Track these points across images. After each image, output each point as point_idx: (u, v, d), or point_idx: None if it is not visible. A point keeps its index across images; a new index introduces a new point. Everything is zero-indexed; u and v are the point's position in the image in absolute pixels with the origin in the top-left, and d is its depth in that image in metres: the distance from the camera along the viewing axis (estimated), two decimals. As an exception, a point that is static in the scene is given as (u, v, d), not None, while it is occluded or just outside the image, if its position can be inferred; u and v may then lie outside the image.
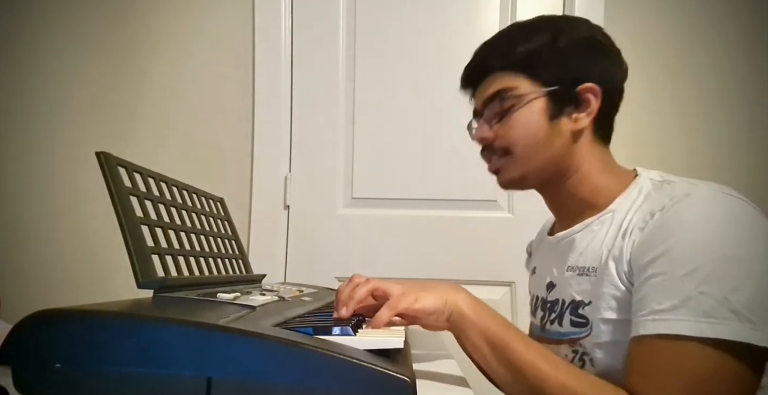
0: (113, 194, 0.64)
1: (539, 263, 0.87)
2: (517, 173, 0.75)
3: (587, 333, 0.68)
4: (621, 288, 0.65)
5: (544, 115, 0.72)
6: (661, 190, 0.67)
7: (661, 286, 0.58)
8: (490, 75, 0.76)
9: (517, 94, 0.73)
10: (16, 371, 0.42)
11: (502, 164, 0.76)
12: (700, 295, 0.55)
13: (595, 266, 0.69)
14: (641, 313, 0.59)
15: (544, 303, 0.80)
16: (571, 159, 0.74)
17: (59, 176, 1.61)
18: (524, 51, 0.73)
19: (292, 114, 1.62)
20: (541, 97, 0.72)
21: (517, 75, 0.73)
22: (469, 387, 0.57)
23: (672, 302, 0.56)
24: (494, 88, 0.74)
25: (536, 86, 0.73)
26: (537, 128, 0.73)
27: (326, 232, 1.59)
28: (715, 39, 1.55)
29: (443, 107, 1.58)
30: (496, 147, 0.75)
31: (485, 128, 0.76)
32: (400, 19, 1.62)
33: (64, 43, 1.64)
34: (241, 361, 0.42)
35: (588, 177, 0.74)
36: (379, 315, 0.60)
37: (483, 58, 0.77)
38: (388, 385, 0.41)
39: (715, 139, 1.54)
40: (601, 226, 0.71)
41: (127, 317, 0.45)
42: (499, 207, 1.57)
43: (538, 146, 0.73)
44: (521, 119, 0.73)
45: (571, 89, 0.72)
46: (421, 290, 0.62)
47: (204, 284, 0.75)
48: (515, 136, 0.73)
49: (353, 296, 0.63)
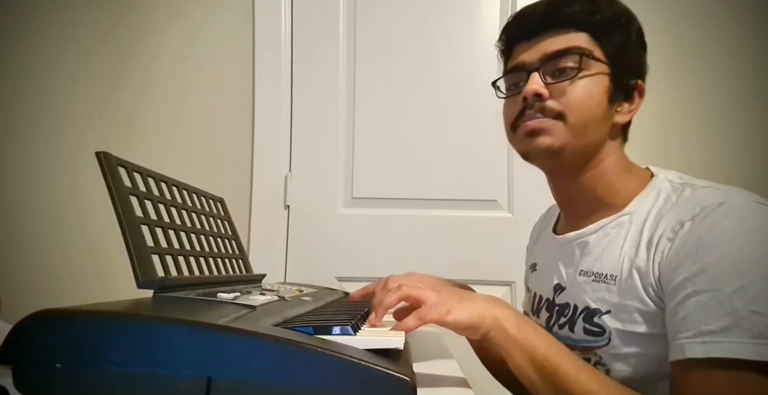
0: (113, 193, 0.64)
1: (541, 261, 0.84)
2: (561, 141, 0.67)
3: (605, 342, 0.65)
4: (647, 302, 0.61)
5: (606, 94, 0.67)
6: (686, 195, 0.63)
7: (706, 306, 0.54)
8: (564, 29, 0.68)
9: (592, 57, 0.67)
10: (17, 370, 0.42)
11: (550, 125, 0.67)
12: (752, 315, 0.52)
13: (614, 274, 0.65)
14: (685, 335, 0.55)
15: (551, 304, 0.76)
16: (602, 152, 0.70)
17: (59, 176, 1.61)
18: (608, 20, 0.68)
19: (292, 114, 1.62)
20: (607, 75, 0.67)
21: (593, 41, 0.68)
22: (470, 388, 0.57)
23: (722, 323, 0.52)
24: (569, 44, 0.67)
25: (606, 61, 0.68)
26: (597, 104, 0.67)
27: (326, 232, 1.59)
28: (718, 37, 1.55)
29: (443, 107, 1.58)
30: (549, 107, 0.67)
31: (541, 83, 0.67)
32: (401, 20, 1.62)
33: (66, 44, 1.63)
34: (241, 361, 0.42)
35: (606, 174, 0.70)
36: (406, 321, 0.56)
37: (564, 6, 0.68)
38: (388, 385, 0.41)
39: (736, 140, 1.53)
40: (619, 229, 0.67)
41: (127, 317, 0.45)
42: (499, 207, 1.57)
43: (592, 123, 0.67)
44: (587, 88, 0.67)
45: (631, 80, 0.69)
46: (457, 301, 0.58)
47: (204, 284, 0.75)
48: (576, 102, 0.66)
49: (383, 302, 0.60)
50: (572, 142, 0.67)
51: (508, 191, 1.56)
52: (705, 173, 0.69)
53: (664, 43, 1.53)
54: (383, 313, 0.60)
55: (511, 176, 1.56)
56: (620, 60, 0.68)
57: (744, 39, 1.54)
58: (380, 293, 0.63)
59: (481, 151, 1.56)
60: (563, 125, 0.67)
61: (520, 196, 1.54)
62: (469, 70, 1.57)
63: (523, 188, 1.53)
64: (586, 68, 0.67)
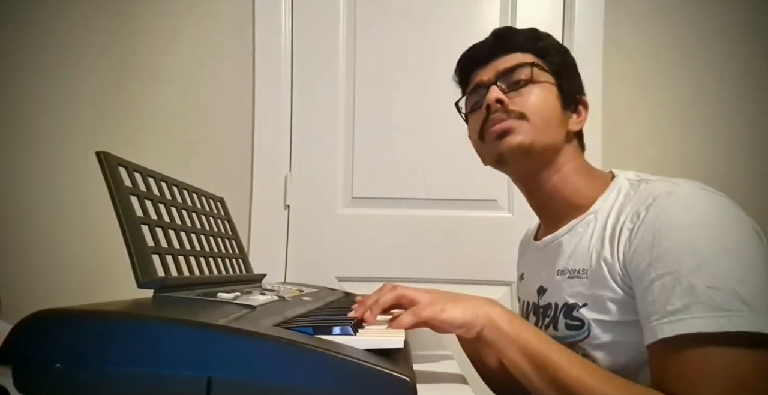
0: (113, 193, 0.64)
1: (527, 269, 0.88)
2: (529, 138, 0.73)
3: (585, 334, 0.68)
4: (617, 291, 0.65)
5: (558, 101, 0.76)
6: (640, 189, 0.68)
7: (669, 287, 0.58)
8: (513, 52, 0.78)
9: (541, 69, 0.76)
10: (17, 371, 0.42)
11: (516, 125, 0.74)
12: (709, 290, 0.55)
13: (585, 268, 0.70)
14: (655, 317, 0.58)
15: (536, 307, 0.80)
16: (561, 156, 0.76)
17: (59, 177, 1.61)
18: (549, 44, 0.79)
19: (292, 114, 1.62)
20: (555, 87, 0.76)
21: (539, 59, 0.77)
22: (468, 385, 0.57)
23: (684, 301, 0.56)
24: (519, 61, 0.76)
25: (553, 75, 0.77)
26: (552, 107, 0.75)
27: (326, 232, 1.59)
28: (718, 38, 1.55)
29: (443, 107, 1.57)
30: (511, 110, 0.74)
31: (500, 92, 0.75)
32: (401, 20, 1.62)
33: (69, 46, 1.64)
34: (241, 361, 0.42)
35: (569, 178, 0.76)
36: (401, 318, 0.58)
37: (509, 35, 0.79)
38: (388, 385, 0.41)
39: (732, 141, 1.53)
40: (586, 228, 0.72)
41: (128, 317, 0.45)
42: (499, 207, 1.57)
43: (552, 122, 0.75)
44: (540, 94, 0.75)
45: (574, 95, 0.78)
46: (450, 300, 0.60)
47: (204, 283, 0.75)
48: (534, 104, 0.74)
49: (378, 301, 0.62)
50: (539, 139, 0.73)
51: (508, 191, 1.56)
52: (703, 175, 0.70)
53: (663, 44, 1.54)
54: (378, 312, 0.62)
55: (511, 176, 1.56)
56: (563, 76, 0.77)
57: (742, 39, 1.54)
58: (376, 293, 0.65)
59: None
60: (527, 123, 0.73)
61: (520, 196, 1.51)
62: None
63: (523, 188, 1.53)
64: (536, 78, 0.75)
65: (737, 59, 1.54)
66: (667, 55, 1.54)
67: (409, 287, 0.64)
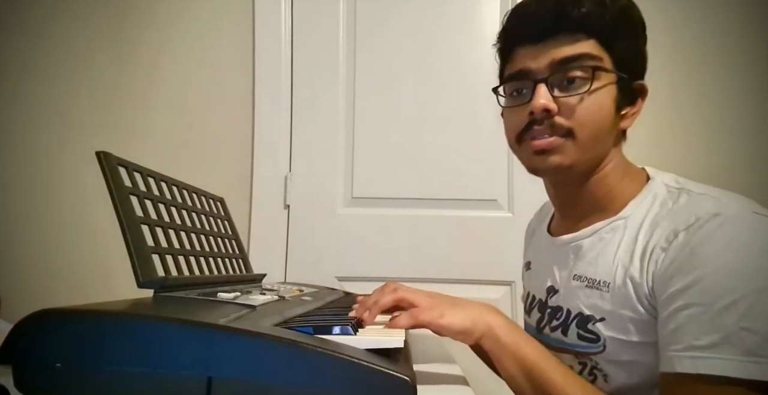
0: (113, 193, 0.64)
1: (536, 260, 0.83)
2: (570, 160, 0.65)
3: (600, 349, 0.65)
4: (640, 312, 0.61)
5: (614, 103, 0.65)
6: (681, 202, 0.62)
7: (697, 319, 0.54)
8: (573, 33, 0.63)
9: (602, 67, 0.63)
10: (17, 370, 0.42)
11: (560, 144, 0.64)
12: (742, 331, 0.51)
13: (607, 281, 0.65)
14: (676, 347, 0.55)
15: (543, 306, 0.77)
16: (605, 158, 0.68)
17: (60, 176, 1.61)
18: (616, 18, 0.63)
19: (292, 114, 1.62)
20: (615, 84, 0.65)
21: (602, 48, 0.64)
22: (469, 386, 0.57)
23: (712, 338, 0.52)
24: (580, 51, 0.63)
25: (614, 68, 0.64)
26: (606, 116, 0.64)
27: (326, 232, 1.59)
28: (718, 38, 1.55)
29: (443, 107, 1.58)
30: (558, 124, 0.64)
31: (549, 97, 0.64)
32: (401, 20, 1.62)
33: (67, 46, 1.63)
34: (241, 361, 0.42)
35: (607, 178, 0.69)
36: (398, 319, 0.57)
37: (570, 7, 0.63)
38: (388, 385, 0.41)
39: (734, 140, 1.53)
40: (613, 234, 0.66)
41: (128, 316, 0.45)
42: (499, 207, 1.57)
43: (601, 137, 0.65)
44: (598, 101, 0.63)
45: (634, 83, 0.66)
46: (450, 306, 0.59)
47: (204, 283, 0.75)
48: (586, 118, 0.63)
49: (378, 302, 0.61)
50: (582, 158, 0.66)
51: (508, 191, 1.56)
52: (702, 174, 0.68)
53: (662, 44, 1.53)
54: (377, 313, 0.61)
55: (511, 176, 1.56)
56: (626, 65, 0.65)
57: (743, 39, 1.54)
58: (376, 294, 0.63)
59: (481, 151, 1.56)
60: (572, 143, 0.64)
61: (520, 196, 1.54)
62: (469, 70, 1.57)
63: (523, 188, 1.54)
64: (596, 80, 0.63)
65: (737, 59, 1.54)
66: (667, 55, 1.54)
67: (410, 289, 0.62)
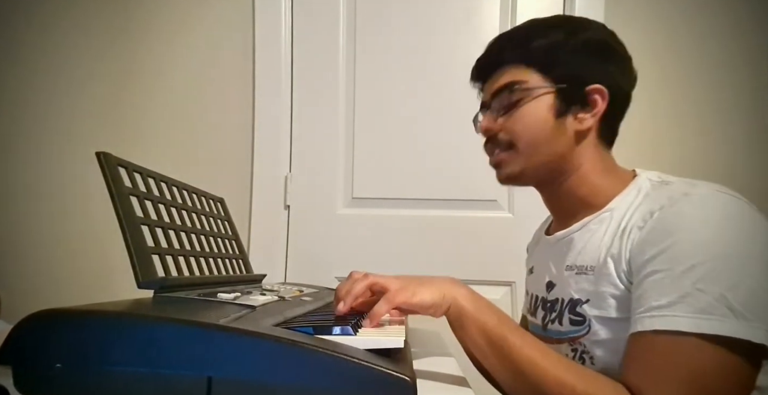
0: (113, 194, 0.64)
1: (537, 263, 0.87)
2: (517, 168, 0.75)
3: (586, 331, 0.69)
4: (620, 287, 0.65)
5: (552, 111, 0.73)
6: (660, 190, 0.67)
7: (660, 283, 0.58)
8: (502, 67, 0.76)
9: (527, 87, 0.73)
10: (17, 371, 0.42)
11: (504, 157, 0.76)
12: (697, 292, 0.56)
13: (593, 264, 0.69)
14: (639, 310, 0.59)
15: (545, 302, 0.80)
16: (572, 159, 0.74)
17: (59, 177, 1.61)
18: (539, 46, 0.74)
19: (292, 114, 1.62)
20: (550, 94, 0.73)
21: (529, 69, 0.74)
22: (470, 387, 0.57)
23: (669, 298, 0.57)
24: (505, 81, 0.75)
25: (547, 82, 0.73)
26: (543, 124, 0.73)
27: (326, 232, 1.59)
28: (717, 38, 1.55)
29: (443, 107, 1.58)
30: (501, 140, 0.76)
31: (491, 120, 0.76)
32: (401, 20, 1.62)
33: (68, 47, 1.64)
34: (241, 361, 0.42)
35: (587, 177, 0.74)
36: (376, 308, 0.60)
37: (497, 50, 0.77)
38: (389, 385, 0.41)
39: (731, 140, 1.53)
40: (600, 225, 0.71)
41: (128, 317, 0.45)
42: (499, 207, 1.57)
43: (542, 142, 0.73)
44: (528, 113, 0.73)
45: (579, 88, 0.73)
46: (419, 284, 0.63)
47: (204, 284, 0.75)
48: (520, 129, 0.73)
49: (351, 291, 0.63)
50: (530, 163, 0.74)
51: (508, 191, 1.56)
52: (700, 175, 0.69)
53: (660, 44, 1.54)
54: (351, 301, 0.63)
55: (511, 176, 1.56)
56: (563, 76, 0.73)
57: (740, 38, 1.54)
58: (346, 284, 0.65)
59: (481, 151, 1.54)
60: (515, 152, 0.74)
61: (520, 196, 1.54)
62: (469, 70, 1.56)
63: (523, 188, 1.53)
64: (526, 96, 0.73)
65: (736, 59, 1.54)
66: (666, 55, 1.54)
67: (378, 275, 0.65)
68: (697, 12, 1.55)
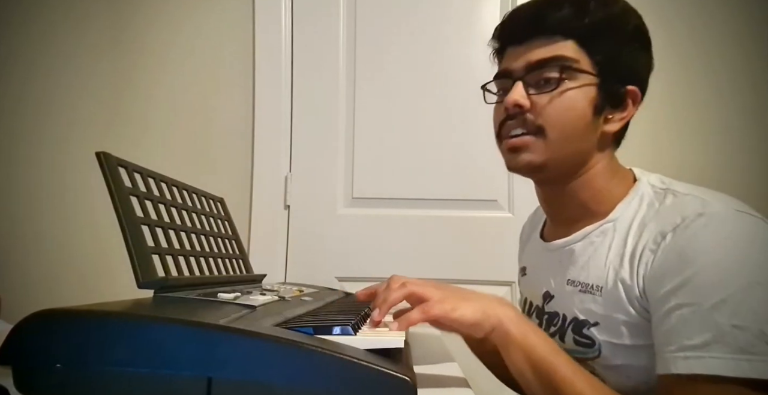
0: (113, 194, 0.64)
1: (530, 266, 0.84)
2: (542, 158, 0.66)
3: (596, 354, 0.65)
4: (632, 314, 0.61)
5: (591, 106, 0.65)
6: (667, 203, 0.63)
7: (689, 319, 0.54)
8: (550, 36, 0.65)
9: (577, 67, 0.64)
10: (17, 371, 0.42)
11: (530, 141, 0.66)
12: (733, 329, 0.52)
13: (599, 285, 0.65)
14: (670, 348, 0.55)
15: (541, 312, 0.77)
16: (590, 160, 0.68)
17: (59, 177, 1.61)
18: (598, 21, 0.64)
19: (292, 114, 1.62)
20: (593, 86, 0.65)
21: (580, 49, 0.65)
22: (470, 388, 0.57)
23: (704, 337, 0.53)
24: (552, 53, 0.65)
25: (594, 69, 0.65)
26: (580, 117, 0.65)
27: (326, 232, 1.59)
28: (716, 38, 1.55)
29: (443, 107, 1.58)
30: (529, 121, 0.66)
31: (523, 94, 0.66)
32: (401, 20, 1.62)
33: (69, 46, 1.64)
34: (241, 361, 0.42)
35: (594, 180, 0.69)
36: (409, 315, 0.56)
37: (551, 11, 0.65)
38: (389, 385, 0.41)
39: (731, 140, 1.53)
40: (603, 238, 0.67)
41: (128, 317, 0.45)
42: (499, 207, 1.57)
43: (575, 137, 0.66)
44: (570, 100, 0.65)
45: (620, 87, 0.66)
46: (461, 299, 0.57)
47: (204, 284, 0.74)
48: (556, 116, 0.65)
49: (387, 299, 0.59)
50: (554, 157, 0.66)
51: (508, 191, 1.56)
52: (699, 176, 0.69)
53: (658, 44, 1.53)
54: (386, 310, 0.59)
55: (511, 176, 1.55)
56: (609, 68, 0.65)
57: (740, 40, 1.54)
58: (384, 291, 0.61)
59: (481, 151, 1.56)
60: (543, 141, 0.66)
61: (520, 196, 1.54)
62: (469, 70, 1.57)
63: (523, 188, 1.53)
64: (569, 79, 0.65)
65: (735, 59, 1.54)
66: (666, 55, 1.53)
67: (418, 282, 0.60)
68: (696, 12, 1.55)
